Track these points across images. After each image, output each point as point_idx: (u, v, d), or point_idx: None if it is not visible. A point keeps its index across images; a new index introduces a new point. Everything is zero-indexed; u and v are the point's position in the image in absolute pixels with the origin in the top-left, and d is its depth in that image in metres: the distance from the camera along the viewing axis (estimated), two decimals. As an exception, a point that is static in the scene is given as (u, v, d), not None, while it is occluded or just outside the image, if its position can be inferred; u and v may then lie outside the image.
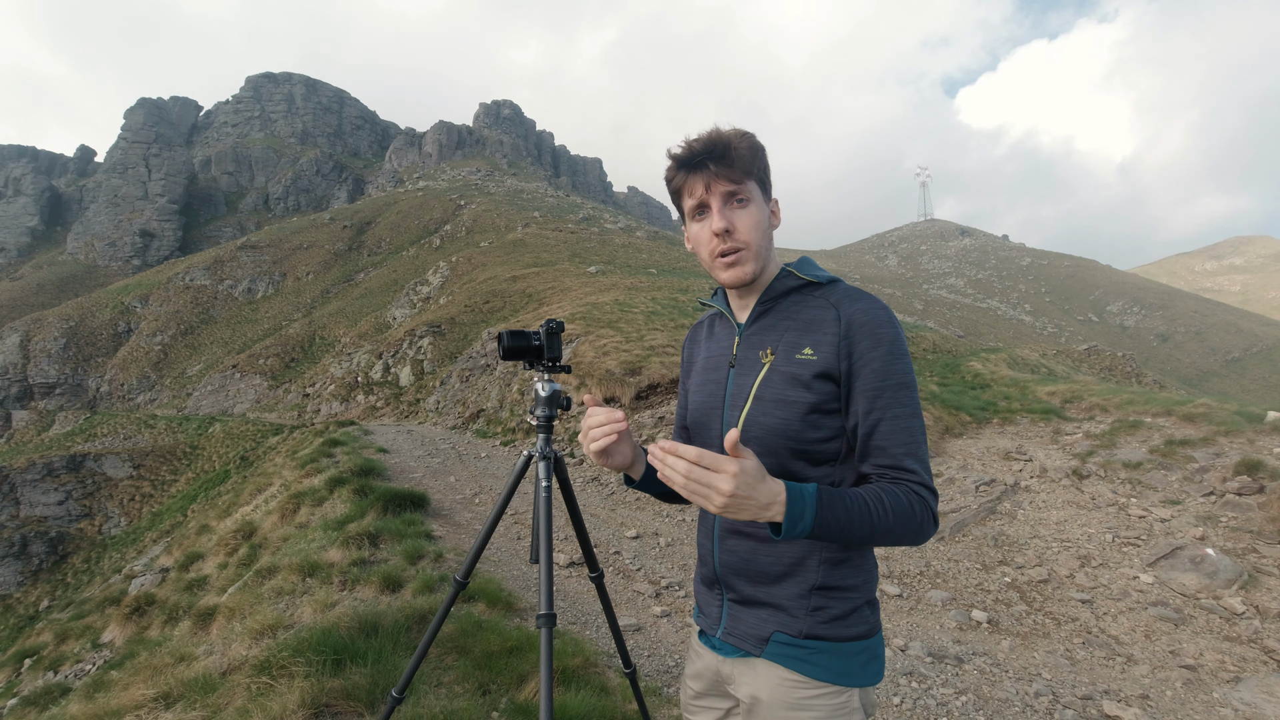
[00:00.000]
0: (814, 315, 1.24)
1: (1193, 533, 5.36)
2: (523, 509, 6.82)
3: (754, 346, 1.29)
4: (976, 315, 74.90)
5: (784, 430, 1.20)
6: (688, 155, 1.22)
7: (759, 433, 1.22)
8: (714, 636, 1.36)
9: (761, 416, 1.23)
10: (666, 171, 1.27)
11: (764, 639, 1.26)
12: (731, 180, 1.21)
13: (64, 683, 6.13)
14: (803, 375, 1.20)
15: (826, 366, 1.19)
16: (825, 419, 1.20)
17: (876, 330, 1.18)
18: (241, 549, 6.81)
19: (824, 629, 1.22)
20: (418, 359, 26.48)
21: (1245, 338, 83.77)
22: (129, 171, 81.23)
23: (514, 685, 2.89)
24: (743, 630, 1.30)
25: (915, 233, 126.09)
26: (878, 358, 1.17)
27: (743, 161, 1.20)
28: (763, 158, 1.25)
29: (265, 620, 3.49)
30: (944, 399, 10.01)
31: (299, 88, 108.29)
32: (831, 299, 1.25)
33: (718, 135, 1.21)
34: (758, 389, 1.24)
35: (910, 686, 3.64)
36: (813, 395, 1.19)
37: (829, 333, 1.20)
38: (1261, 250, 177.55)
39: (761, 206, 1.26)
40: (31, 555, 25.12)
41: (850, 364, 1.18)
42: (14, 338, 50.75)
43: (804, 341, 1.22)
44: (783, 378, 1.22)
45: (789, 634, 1.24)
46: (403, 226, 65.13)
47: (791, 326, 1.25)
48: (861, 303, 1.22)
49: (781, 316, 1.28)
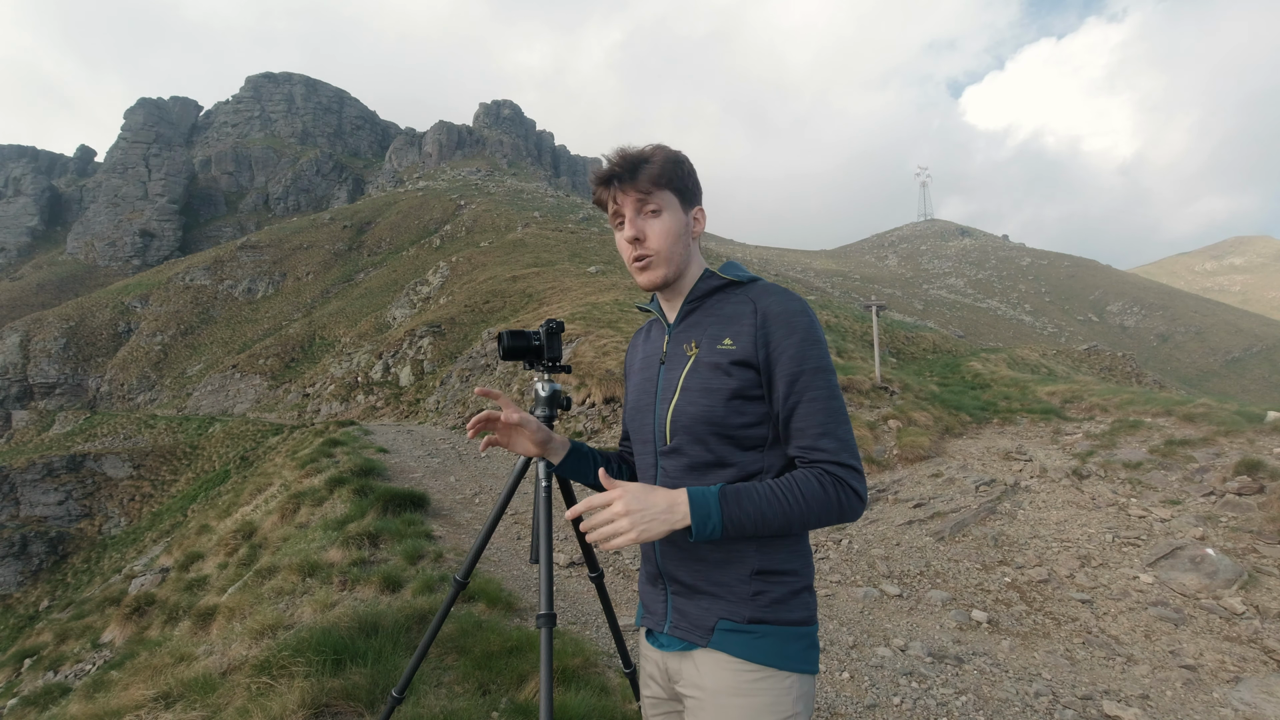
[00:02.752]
0: (734, 310, 1.32)
1: (1193, 533, 5.36)
2: (523, 509, 6.82)
3: (681, 342, 1.37)
4: (976, 315, 74.87)
5: (708, 416, 1.27)
6: (604, 172, 1.32)
7: (686, 421, 1.29)
8: (660, 633, 1.38)
9: (688, 405, 1.29)
10: (592, 188, 1.38)
11: (709, 628, 1.28)
12: (640, 191, 1.29)
13: (64, 683, 6.13)
14: (723, 363, 1.27)
15: (745, 355, 1.26)
16: (748, 405, 1.27)
17: (790, 320, 1.25)
18: (241, 549, 6.81)
19: (766, 612, 1.26)
20: (418, 359, 26.48)
21: (1245, 338, 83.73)
22: (129, 171, 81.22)
23: (514, 685, 2.89)
24: (688, 622, 1.32)
25: (915, 233, 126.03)
26: (792, 345, 1.24)
27: (652, 175, 1.29)
28: (679, 170, 1.32)
29: (265, 620, 3.48)
30: (944, 399, 10.01)
31: (299, 88, 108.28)
32: (750, 295, 1.32)
33: (628, 152, 1.31)
34: (684, 380, 1.31)
35: (910, 686, 3.64)
36: (734, 381, 1.26)
37: (747, 324, 1.28)
38: (1261, 250, 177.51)
39: (677, 215, 1.33)
40: (31, 555, 25.13)
41: (768, 352, 1.25)
42: (14, 338, 50.73)
43: (724, 333, 1.29)
44: (706, 367, 1.29)
45: (733, 620, 1.26)
46: (403, 226, 65.10)
47: (714, 321, 1.33)
48: (776, 296, 1.29)
49: (706, 314, 1.36)
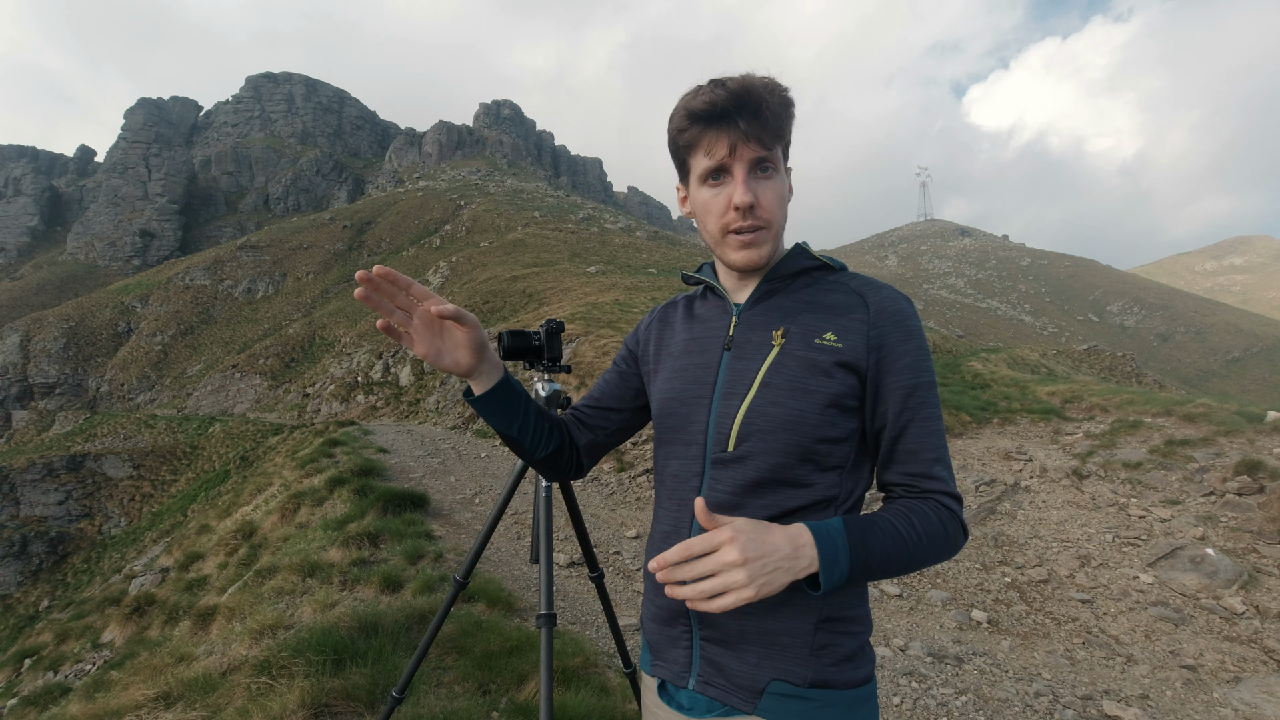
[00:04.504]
0: (836, 300, 1.07)
1: (1193, 533, 5.36)
2: (523, 509, 6.82)
3: (758, 328, 1.09)
4: (976, 315, 74.89)
5: (798, 424, 1.01)
6: (710, 108, 0.99)
7: (765, 425, 1.02)
8: (682, 689, 1.09)
9: (770, 406, 1.02)
10: (676, 122, 1.05)
11: (758, 690, 1.01)
12: (762, 145, 1.00)
13: (64, 683, 6.13)
14: (824, 362, 1.02)
15: (854, 357, 1.02)
16: (842, 417, 1.03)
17: (907, 323, 1.04)
18: (241, 549, 6.81)
19: (832, 673, 1.01)
20: (418, 359, 26.48)
21: (1245, 338, 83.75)
22: (129, 171, 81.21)
23: (514, 685, 2.89)
24: (726, 680, 1.04)
25: (915, 233, 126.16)
26: (909, 352, 1.03)
27: (776, 122, 1.01)
28: (791, 116, 1.04)
29: (265, 620, 3.48)
30: (944, 399, 10.02)
31: (299, 88, 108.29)
32: (854, 285, 1.09)
33: (751, 84, 0.99)
34: (765, 374, 1.04)
35: (910, 686, 3.64)
36: (835, 385, 1.01)
37: (857, 319, 1.04)
38: (1261, 250, 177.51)
39: (784, 178, 1.07)
40: (31, 555, 25.13)
41: (880, 357, 1.02)
42: (14, 338, 50.73)
43: (826, 326, 1.05)
44: (800, 363, 1.03)
45: (792, 682, 1.00)
46: (403, 226, 65.11)
47: (808, 310, 1.07)
48: (888, 292, 1.07)
49: (792, 298, 1.10)
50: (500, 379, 1.13)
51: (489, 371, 1.12)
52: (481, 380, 1.12)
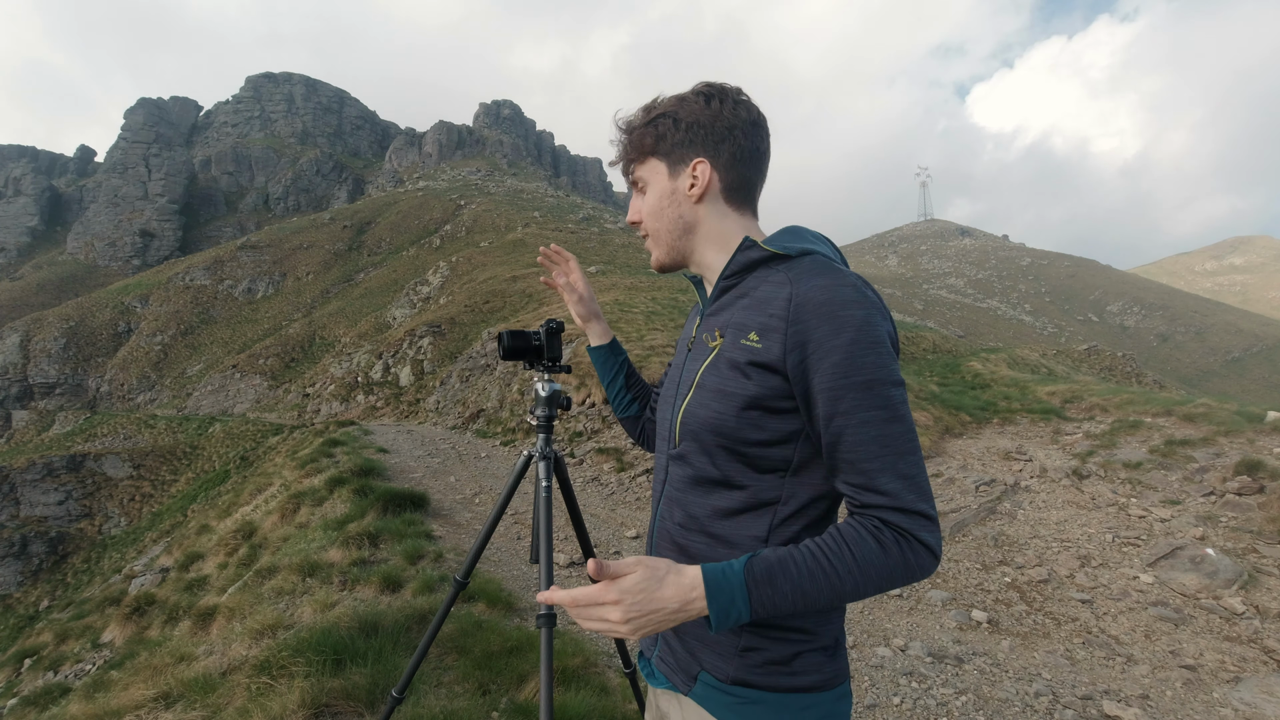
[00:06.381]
0: (767, 293, 1.01)
1: (1193, 533, 5.36)
2: (523, 509, 6.82)
3: (709, 328, 1.11)
4: (976, 315, 74.88)
5: (718, 426, 1.01)
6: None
7: (694, 426, 1.05)
8: (649, 659, 1.19)
9: (698, 408, 1.05)
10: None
11: (693, 675, 1.07)
12: (626, 170, 1.17)
13: (64, 683, 6.12)
14: (741, 362, 1.00)
15: (769, 356, 0.96)
16: (769, 419, 0.99)
17: (837, 312, 0.92)
18: (241, 549, 6.81)
19: (756, 675, 1.01)
20: (418, 359, 26.47)
21: (1245, 338, 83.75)
22: (129, 171, 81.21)
23: (514, 685, 2.89)
24: (674, 659, 1.11)
25: (915, 233, 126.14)
26: (838, 347, 0.91)
27: (634, 147, 1.13)
28: (657, 128, 1.09)
29: (265, 620, 3.49)
30: (944, 399, 10.02)
31: (299, 88, 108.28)
32: (791, 274, 1.00)
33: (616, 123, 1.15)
34: (701, 376, 1.06)
35: (910, 686, 3.65)
36: (752, 387, 0.98)
37: (776, 314, 0.97)
38: (1261, 250, 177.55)
39: (661, 183, 1.11)
40: (31, 555, 25.12)
41: (804, 355, 0.93)
42: (14, 338, 50.73)
43: (752, 323, 1.01)
44: (727, 364, 1.02)
45: (716, 676, 1.04)
46: (403, 226, 65.10)
47: (745, 306, 1.04)
48: (821, 278, 0.96)
49: (739, 294, 1.08)
50: (606, 343, 1.52)
51: (599, 333, 1.52)
52: (593, 338, 1.52)
